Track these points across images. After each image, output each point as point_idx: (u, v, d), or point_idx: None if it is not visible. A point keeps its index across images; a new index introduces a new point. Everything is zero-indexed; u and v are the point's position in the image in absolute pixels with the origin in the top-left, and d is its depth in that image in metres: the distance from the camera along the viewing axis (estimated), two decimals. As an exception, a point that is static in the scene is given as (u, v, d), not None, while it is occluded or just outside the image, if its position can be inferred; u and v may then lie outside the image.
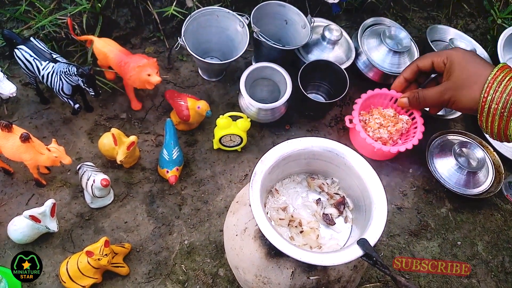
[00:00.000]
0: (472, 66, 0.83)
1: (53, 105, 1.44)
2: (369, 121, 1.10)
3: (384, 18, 1.60)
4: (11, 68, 1.49)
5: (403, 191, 1.41)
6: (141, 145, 1.39)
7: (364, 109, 1.13)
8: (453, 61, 0.84)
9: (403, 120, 1.09)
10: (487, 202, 1.42)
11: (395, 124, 1.08)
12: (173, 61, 1.59)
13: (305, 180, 1.00)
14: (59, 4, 1.47)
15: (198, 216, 1.28)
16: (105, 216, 1.25)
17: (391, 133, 1.09)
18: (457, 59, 0.84)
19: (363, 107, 1.12)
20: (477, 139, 1.48)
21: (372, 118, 1.10)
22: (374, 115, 1.10)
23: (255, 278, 0.89)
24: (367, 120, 1.11)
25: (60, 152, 1.14)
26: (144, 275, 1.17)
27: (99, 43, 1.35)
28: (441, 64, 0.88)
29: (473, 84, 0.80)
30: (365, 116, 1.11)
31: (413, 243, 1.31)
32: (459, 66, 0.84)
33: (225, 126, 1.31)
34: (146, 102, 1.48)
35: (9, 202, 1.25)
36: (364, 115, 1.11)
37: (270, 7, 1.44)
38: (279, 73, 1.39)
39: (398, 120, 1.09)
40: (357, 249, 0.76)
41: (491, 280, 1.28)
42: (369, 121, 1.10)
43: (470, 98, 0.82)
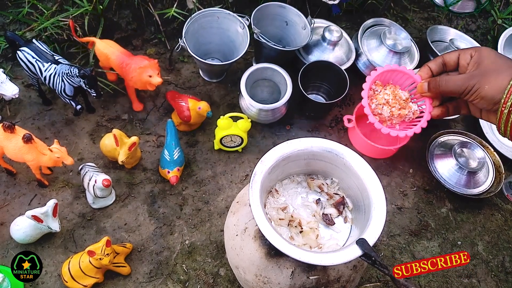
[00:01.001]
0: (501, 59, 0.82)
1: (55, 106, 1.45)
2: (379, 93, 1.01)
3: (384, 19, 1.60)
4: (14, 70, 1.50)
5: (403, 191, 1.41)
6: (142, 146, 1.40)
7: (381, 81, 1.03)
8: (482, 53, 0.82)
9: (412, 108, 1.00)
10: (487, 202, 1.43)
11: (401, 109, 1.00)
12: (174, 62, 1.60)
13: (304, 181, 1.00)
14: (61, 6, 1.48)
15: (199, 216, 1.29)
16: (107, 216, 1.26)
17: (392, 115, 1.01)
18: (486, 52, 0.83)
19: (381, 78, 1.02)
20: (477, 139, 1.48)
21: (383, 92, 1.01)
22: (387, 90, 1.01)
23: (255, 278, 0.90)
24: (377, 92, 1.02)
25: (62, 153, 1.15)
26: (145, 275, 1.18)
27: (101, 45, 1.36)
28: (467, 56, 0.85)
29: (503, 71, 0.79)
30: (378, 87, 1.02)
31: (413, 243, 1.31)
32: (489, 56, 0.82)
33: (226, 127, 1.32)
34: (147, 103, 1.49)
35: (11, 203, 1.26)
36: (378, 85, 1.02)
37: (270, 9, 1.45)
38: (279, 74, 1.40)
39: (407, 106, 1.00)
40: (356, 249, 0.76)
41: (491, 279, 1.28)
42: (378, 93, 1.01)
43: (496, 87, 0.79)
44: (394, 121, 1.02)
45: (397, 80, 1.02)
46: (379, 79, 1.02)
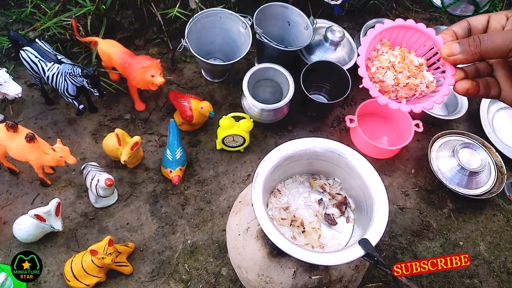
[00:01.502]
0: None
1: (58, 105, 1.45)
2: (383, 54, 0.75)
3: (386, 19, 1.60)
4: (17, 69, 1.50)
5: (405, 192, 1.41)
6: (144, 146, 1.40)
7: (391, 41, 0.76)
8: None
9: (425, 78, 0.73)
10: (489, 202, 1.43)
11: (411, 77, 0.73)
12: (176, 62, 1.60)
13: (307, 181, 1.00)
14: (64, 6, 1.48)
15: (201, 216, 1.29)
16: (109, 215, 1.27)
17: (397, 83, 0.73)
18: None
19: (390, 37, 0.75)
20: (479, 139, 1.48)
21: (390, 53, 0.75)
22: (395, 52, 0.74)
23: (257, 278, 0.90)
24: (382, 53, 0.75)
25: (65, 152, 1.15)
26: (147, 274, 1.18)
27: (104, 45, 1.36)
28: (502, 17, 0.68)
29: None
30: (384, 47, 0.75)
31: (415, 243, 1.31)
32: None
33: (228, 127, 1.32)
34: (149, 103, 1.49)
35: (14, 202, 1.26)
36: (385, 44, 0.75)
37: (272, 9, 1.45)
38: (281, 74, 1.40)
39: (419, 75, 0.73)
40: (359, 249, 0.76)
41: (493, 280, 1.28)
42: (382, 54, 0.75)
43: None
44: (400, 92, 0.74)
45: (411, 44, 0.76)
46: (387, 37, 0.75)
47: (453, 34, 0.71)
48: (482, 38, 0.66)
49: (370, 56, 0.75)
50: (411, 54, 0.74)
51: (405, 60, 0.74)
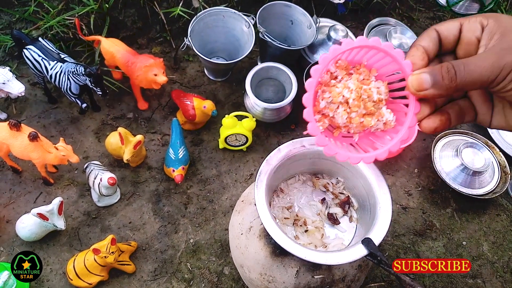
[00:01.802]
0: None
1: (61, 104, 1.45)
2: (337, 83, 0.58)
3: (389, 18, 1.60)
4: (20, 68, 1.51)
5: (408, 191, 1.41)
6: (147, 144, 1.40)
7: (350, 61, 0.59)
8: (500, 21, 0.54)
9: (384, 117, 0.58)
10: (492, 202, 1.42)
11: (366, 115, 0.58)
12: (179, 61, 1.60)
13: (310, 180, 1.00)
14: (67, 5, 1.49)
15: (204, 215, 1.29)
16: (112, 214, 1.27)
17: (350, 122, 0.59)
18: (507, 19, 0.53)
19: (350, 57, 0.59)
20: (483, 139, 1.47)
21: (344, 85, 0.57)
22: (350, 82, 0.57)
23: (260, 277, 0.90)
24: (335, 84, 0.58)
25: (68, 151, 1.15)
26: (150, 273, 1.18)
27: (106, 43, 1.36)
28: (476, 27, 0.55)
29: None
30: (341, 71, 0.58)
31: (418, 243, 1.31)
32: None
33: (231, 126, 1.32)
34: (152, 102, 1.49)
35: (17, 200, 1.26)
36: (341, 68, 0.58)
37: (276, 8, 1.45)
38: (284, 73, 1.40)
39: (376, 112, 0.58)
40: (362, 249, 0.76)
41: (496, 280, 1.27)
42: (335, 84, 0.58)
43: None
44: (353, 129, 0.61)
45: (373, 62, 0.60)
46: (345, 56, 0.58)
47: (423, 53, 0.56)
48: (458, 68, 0.53)
49: (322, 80, 0.59)
50: (370, 83, 0.58)
51: (362, 95, 0.58)
